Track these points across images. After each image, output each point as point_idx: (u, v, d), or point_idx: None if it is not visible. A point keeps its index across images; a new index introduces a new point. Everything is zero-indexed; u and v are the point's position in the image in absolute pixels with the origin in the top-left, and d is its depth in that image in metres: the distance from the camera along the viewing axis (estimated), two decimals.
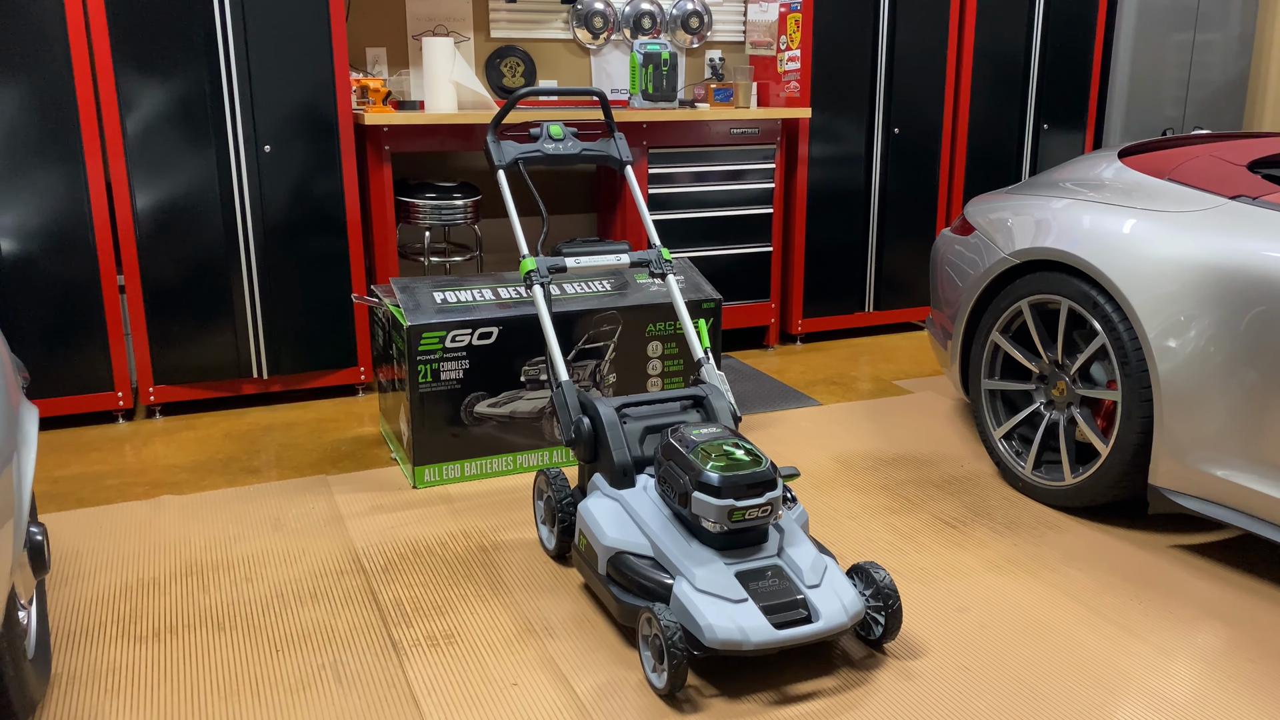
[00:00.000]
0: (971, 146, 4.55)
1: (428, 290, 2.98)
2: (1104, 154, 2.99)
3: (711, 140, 4.06)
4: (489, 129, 2.70)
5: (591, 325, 3.03)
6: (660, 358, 3.14)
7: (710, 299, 3.17)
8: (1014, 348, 2.85)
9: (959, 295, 3.05)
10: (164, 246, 3.35)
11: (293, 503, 2.79)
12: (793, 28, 4.15)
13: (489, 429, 2.95)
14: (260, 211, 3.43)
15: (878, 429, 3.36)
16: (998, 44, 4.47)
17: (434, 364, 2.83)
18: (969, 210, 3.17)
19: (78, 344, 3.32)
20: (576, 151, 2.76)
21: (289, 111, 3.39)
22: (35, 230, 3.20)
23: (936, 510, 2.74)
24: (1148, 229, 2.48)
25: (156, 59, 3.22)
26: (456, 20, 4.10)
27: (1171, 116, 4.93)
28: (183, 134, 3.30)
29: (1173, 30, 4.79)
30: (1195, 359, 2.34)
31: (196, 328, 3.45)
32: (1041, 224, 2.75)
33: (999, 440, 2.92)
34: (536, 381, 2.98)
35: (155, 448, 3.22)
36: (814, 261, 4.38)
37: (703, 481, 1.98)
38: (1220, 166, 2.57)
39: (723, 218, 4.16)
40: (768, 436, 3.30)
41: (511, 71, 4.23)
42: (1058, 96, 4.66)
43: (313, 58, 3.38)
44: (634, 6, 4.33)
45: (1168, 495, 2.43)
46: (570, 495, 2.38)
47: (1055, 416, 2.75)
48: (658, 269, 2.70)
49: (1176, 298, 2.37)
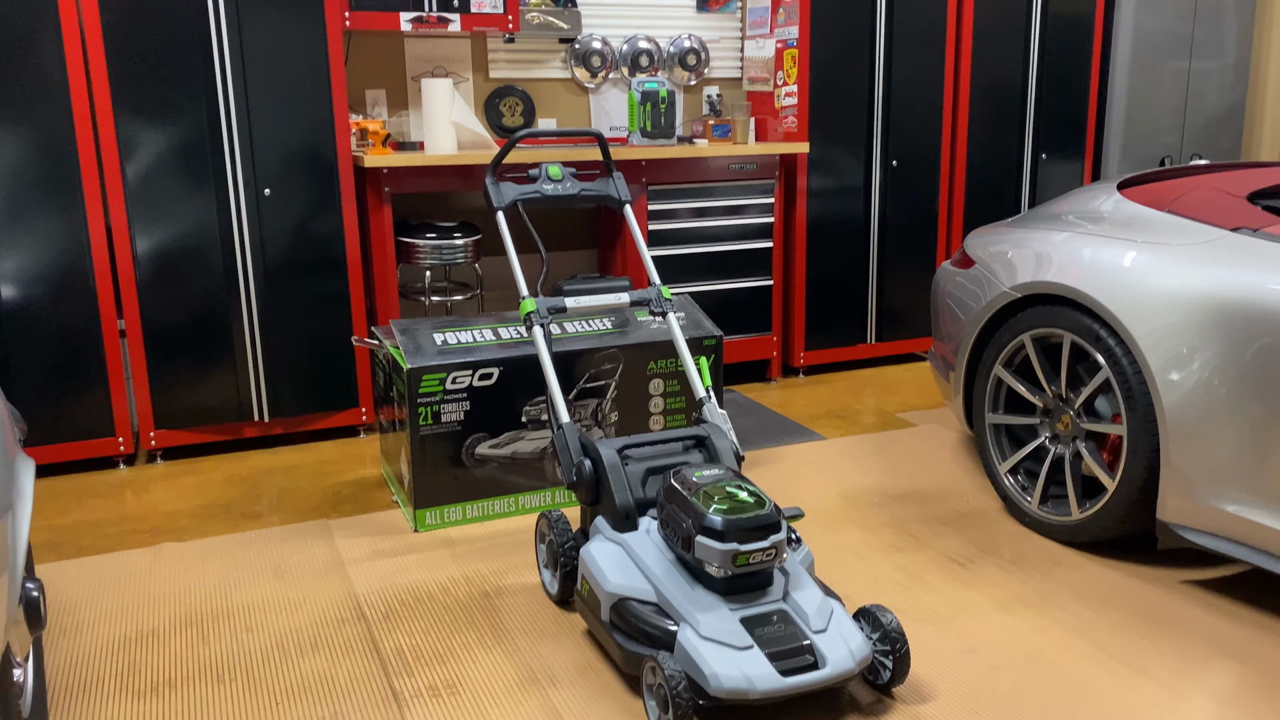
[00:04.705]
0: (970, 177, 4.56)
1: (428, 332, 2.97)
2: (1103, 186, 2.99)
3: (710, 176, 4.06)
4: (488, 171, 2.71)
5: (592, 364, 3.01)
6: (662, 395, 3.13)
7: (711, 335, 3.16)
8: (1017, 381, 2.84)
9: (961, 329, 3.04)
10: (164, 290, 3.36)
11: (294, 548, 2.77)
12: (789, 63, 4.17)
13: (490, 470, 2.93)
14: (260, 254, 3.43)
15: (882, 463, 3.34)
16: (994, 75, 4.49)
17: (434, 406, 2.82)
18: (969, 243, 3.17)
19: (78, 389, 3.31)
20: (575, 192, 2.76)
21: (289, 154, 3.41)
22: (36, 275, 3.21)
23: (943, 547, 2.71)
24: (1149, 262, 2.47)
25: (156, 103, 3.24)
26: (455, 61, 4.13)
27: (1169, 144, 4.94)
28: (183, 178, 3.31)
29: (1168, 58, 4.81)
30: (1200, 392, 2.32)
31: (197, 371, 3.44)
32: (1042, 257, 2.75)
33: (1004, 475, 2.90)
34: (538, 421, 2.97)
35: (156, 493, 3.21)
36: (815, 294, 4.37)
37: (706, 525, 1.96)
38: (1220, 198, 2.56)
39: (723, 252, 4.16)
40: (772, 473, 3.28)
41: (511, 111, 4.25)
42: (1055, 126, 4.67)
43: (312, 101, 3.40)
44: (632, 45, 4.35)
45: (1176, 530, 2.40)
46: (572, 539, 2.36)
47: (1060, 451, 2.73)
48: (658, 308, 2.69)
49: (1180, 331, 2.35)
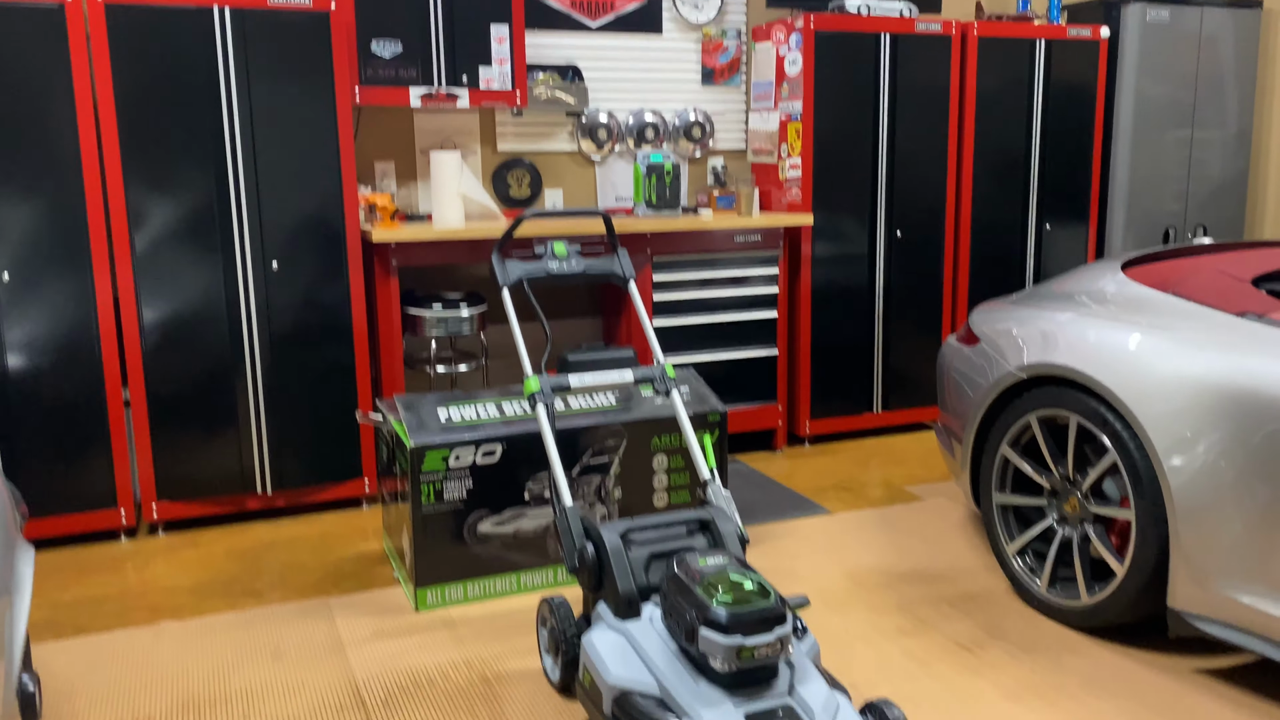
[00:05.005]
0: (975, 246, 4.57)
1: (432, 407, 2.97)
2: (1107, 265, 2.99)
3: (715, 247, 4.09)
4: (494, 249, 2.73)
5: (596, 440, 3.01)
6: (666, 471, 3.11)
7: (715, 411, 3.15)
8: (1024, 462, 2.82)
9: (967, 407, 3.03)
10: (169, 360, 3.37)
11: (294, 628, 2.74)
12: (793, 136, 4.21)
13: (492, 548, 2.91)
14: (266, 325, 3.45)
15: (889, 540, 3.31)
16: (997, 144, 4.53)
17: (437, 484, 2.81)
18: (974, 319, 3.17)
19: (82, 460, 3.31)
20: (580, 270, 2.78)
21: (297, 227, 3.44)
22: (43, 345, 3.22)
23: (951, 631, 2.67)
24: (1155, 346, 2.46)
25: (166, 174, 3.28)
26: (464, 134, 4.18)
27: (1173, 212, 4.96)
28: (191, 249, 3.34)
29: (1171, 128, 4.85)
30: (1208, 479, 2.30)
31: (201, 442, 3.44)
32: (1048, 337, 2.74)
33: (1012, 556, 2.87)
34: (540, 498, 2.95)
35: (157, 568, 3.19)
36: (820, 364, 4.37)
37: (709, 618, 1.93)
38: (1224, 281, 2.57)
39: (728, 322, 4.17)
40: (777, 550, 3.25)
41: (518, 182, 4.30)
42: (1059, 194, 4.70)
43: (321, 175, 3.44)
44: (638, 118, 4.41)
45: (1187, 619, 2.36)
46: (574, 625, 2.33)
47: (1069, 533, 2.70)
48: (661, 386, 2.69)
49: (1186, 416, 2.34)
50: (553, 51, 4.25)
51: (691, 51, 4.49)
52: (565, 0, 4.23)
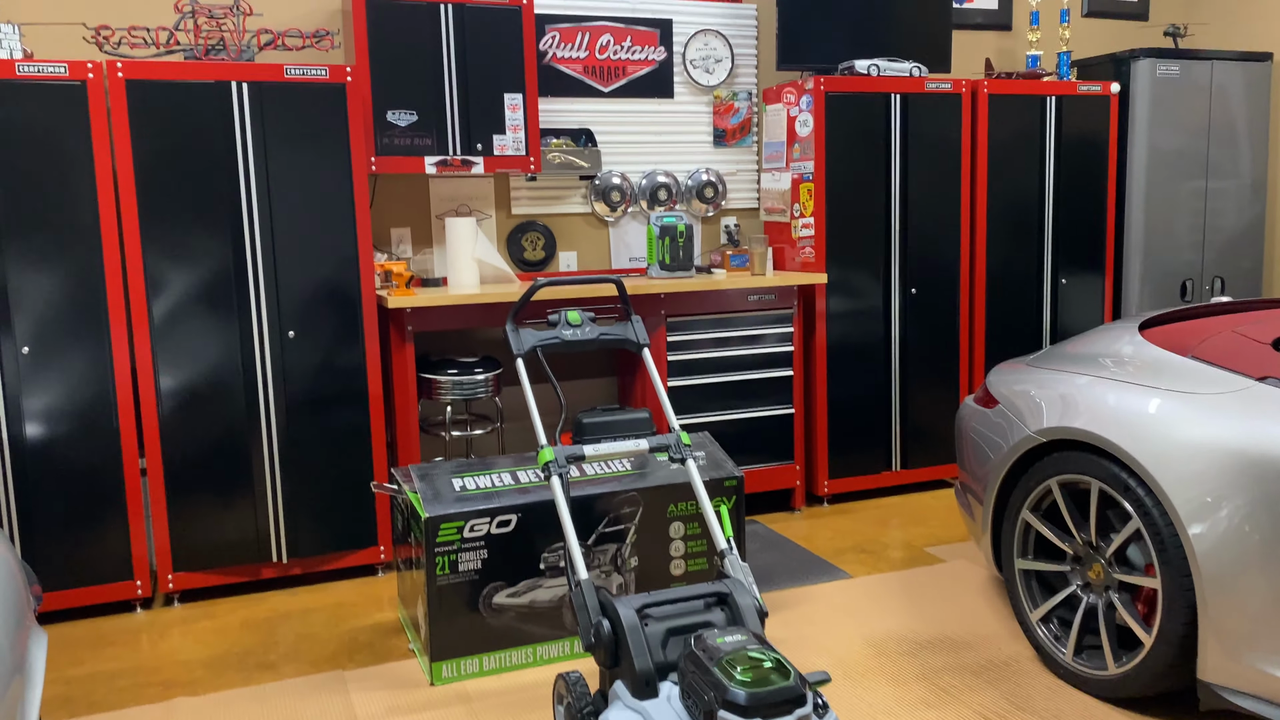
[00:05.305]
0: (990, 302, 4.55)
1: (446, 477, 2.96)
2: (1124, 326, 2.97)
3: (729, 307, 4.09)
4: (508, 317, 2.74)
5: (612, 508, 2.98)
6: (683, 539, 3.08)
7: (732, 476, 3.13)
8: (1046, 527, 2.78)
9: (986, 471, 3.00)
10: (186, 429, 3.38)
11: (308, 704, 2.71)
12: (805, 196, 4.23)
13: (508, 619, 2.88)
14: (282, 392, 3.46)
15: (911, 605, 3.26)
16: (1011, 201, 4.53)
17: (452, 555, 2.79)
18: (991, 381, 3.14)
19: (98, 530, 3.31)
20: (594, 337, 2.78)
21: (313, 295, 3.46)
22: (60, 414, 3.24)
23: (975, 703, 2.61)
24: (1175, 411, 2.43)
25: (184, 243, 3.32)
26: (479, 199, 4.22)
27: (1190, 262, 4.94)
28: (208, 318, 3.36)
29: (1185, 180, 4.85)
30: (1234, 545, 2.25)
31: (217, 511, 3.44)
32: (1067, 401, 2.71)
33: (1036, 624, 2.81)
34: (556, 569, 2.92)
35: (172, 640, 3.17)
36: (838, 422, 4.34)
37: (728, 700, 1.89)
38: (1244, 344, 2.54)
39: (743, 381, 4.16)
40: (796, 617, 3.20)
41: (532, 245, 4.32)
42: (1074, 247, 4.68)
43: (337, 243, 3.47)
44: (650, 180, 4.44)
45: (1218, 692, 2.30)
46: (590, 703, 2.29)
47: (1093, 600, 2.65)
48: (677, 454, 2.67)
49: (1210, 482, 2.30)
50: (566, 117, 4.29)
51: (703, 114, 4.53)
52: (578, 67, 4.29)
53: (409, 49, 3.73)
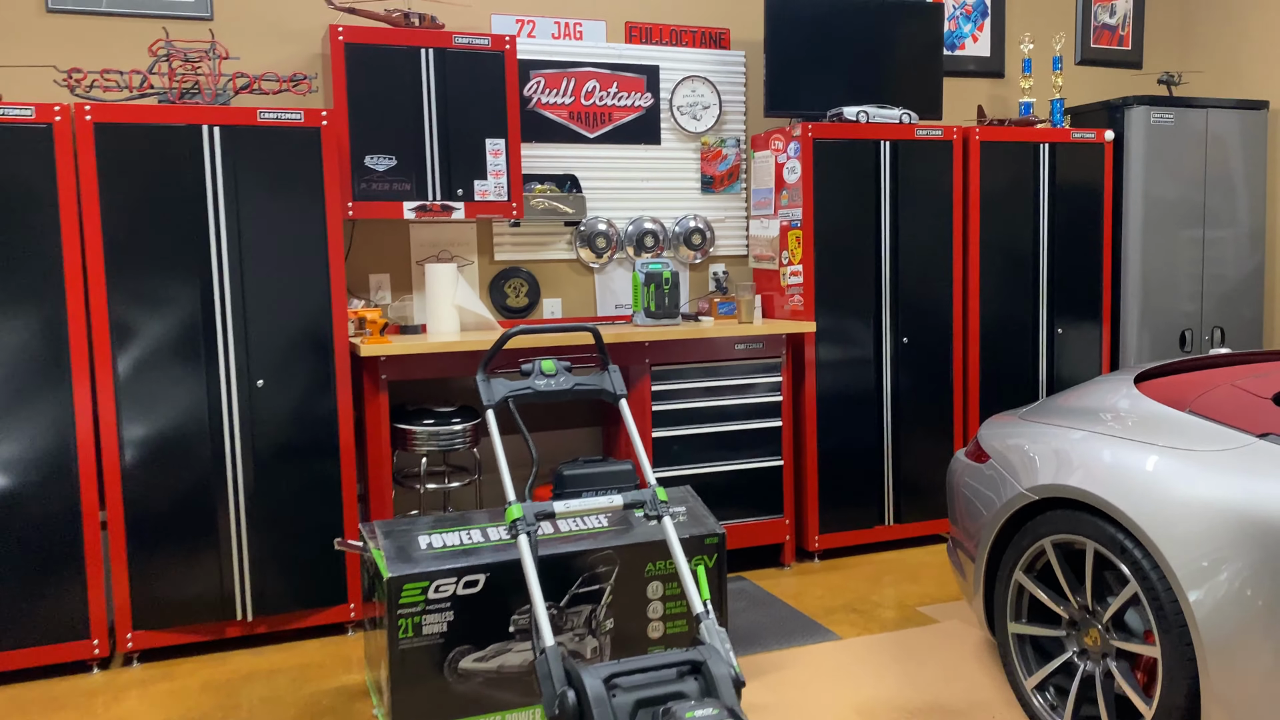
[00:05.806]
0: (985, 352, 4.45)
1: (415, 533, 2.84)
2: (1120, 379, 2.86)
3: (716, 355, 3.99)
4: (479, 367, 2.63)
5: (586, 566, 2.85)
6: (661, 599, 2.95)
7: (713, 534, 3.00)
8: (1039, 589, 2.64)
9: (978, 528, 2.87)
10: (149, 480, 3.26)
11: None
12: (794, 243, 4.15)
13: (475, 685, 2.73)
14: (250, 443, 3.35)
15: (902, 670, 3.11)
16: (1004, 249, 4.44)
17: (416, 617, 2.66)
18: (983, 435, 3.03)
19: (54, 586, 3.18)
20: (569, 387, 2.68)
21: (284, 344, 3.36)
22: (17, 464, 3.12)
23: None
24: (1173, 468, 2.31)
25: (151, 290, 3.22)
26: (460, 245, 4.14)
27: (1189, 313, 4.84)
28: (174, 366, 3.26)
29: (1182, 228, 4.76)
30: (1236, 610, 2.12)
31: (180, 566, 3.31)
32: (1060, 456, 2.60)
33: (1031, 691, 2.67)
34: (526, 632, 2.79)
35: (127, 703, 3.02)
36: (828, 474, 4.22)
37: None
38: (1243, 399, 2.43)
39: (730, 432, 4.04)
40: (782, 682, 3.06)
41: (515, 292, 4.23)
42: (1070, 298, 4.59)
43: (310, 291, 3.38)
44: (637, 226, 4.36)
45: None
46: None
47: (1090, 668, 2.51)
48: (653, 511, 2.55)
49: (1209, 544, 2.17)
50: (550, 162, 4.23)
51: (690, 160, 4.46)
52: (563, 113, 4.23)
53: (388, 93, 3.67)
